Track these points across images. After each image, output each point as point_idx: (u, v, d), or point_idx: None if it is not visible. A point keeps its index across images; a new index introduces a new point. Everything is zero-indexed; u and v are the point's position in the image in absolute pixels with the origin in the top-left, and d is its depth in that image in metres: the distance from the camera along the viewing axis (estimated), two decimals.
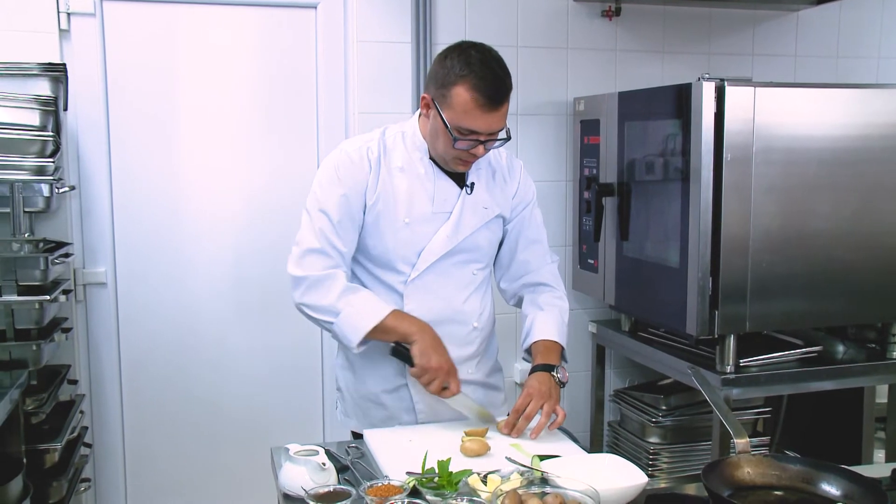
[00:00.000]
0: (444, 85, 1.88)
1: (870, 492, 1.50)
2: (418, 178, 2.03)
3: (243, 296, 3.26)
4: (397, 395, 2.11)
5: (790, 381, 2.70)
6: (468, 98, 1.85)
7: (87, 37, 2.99)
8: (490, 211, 2.09)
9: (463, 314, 2.10)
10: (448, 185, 2.05)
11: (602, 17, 3.40)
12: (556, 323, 2.13)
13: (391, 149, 2.04)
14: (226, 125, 3.19)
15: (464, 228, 2.05)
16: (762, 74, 3.57)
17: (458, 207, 2.04)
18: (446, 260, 2.05)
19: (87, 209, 3.06)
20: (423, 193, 2.02)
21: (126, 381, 3.18)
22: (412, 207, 2.01)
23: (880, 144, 2.70)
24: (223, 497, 3.31)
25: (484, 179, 2.10)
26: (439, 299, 2.06)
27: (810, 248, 2.66)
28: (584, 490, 1.47)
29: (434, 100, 1.92)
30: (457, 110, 1.87)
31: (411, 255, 2.03)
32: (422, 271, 2.04)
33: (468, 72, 1.85)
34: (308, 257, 2.00)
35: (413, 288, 2.05)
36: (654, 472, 3.07)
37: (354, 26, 3.17)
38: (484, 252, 2.12)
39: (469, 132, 1.89)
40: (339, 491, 1.54)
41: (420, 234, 2.03)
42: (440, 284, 2.06)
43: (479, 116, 1.86)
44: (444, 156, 1.98)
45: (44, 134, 2.64)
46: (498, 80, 1.87)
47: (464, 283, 2.10)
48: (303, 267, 2.00)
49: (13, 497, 2.11)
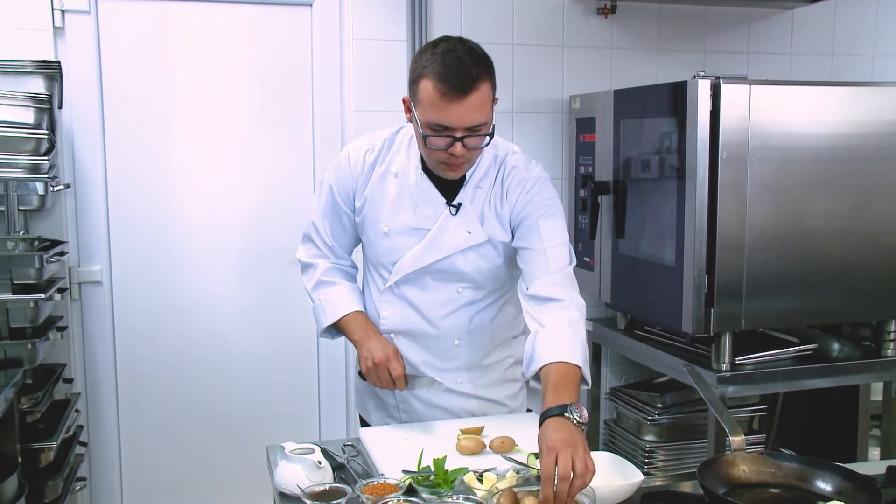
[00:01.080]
0: (413, 81, 1.79)
1: (865, 489, 1.51)
2: (407, 187, 1.95)
3: (238, 293, 3.26)
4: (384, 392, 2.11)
5: (785, 379, 2.70)
6: (432, 89, 1.73)
7: (82, 34, 2.98)
8: (474, 237, 1.92)
9: (443, 330, 2.01)
10: (434, 200, 1.93)
11: (598, 15, 3.39)
12: (561, 341, 1.76)
13: (395, 151, 1.98)
14: (221, 123, 3.18)
15: (439, 250, 1.93)
16: (757, 72, 3.57)
17: (438, 226, 1.92)
18: (425, 275, 1.97)
19: (82, 207, 3.06)
20: (408, 204, 1.94)
21: (121, 379, 3.18)
22: (394, 217, 1.95)
23: (875, 142, 2.70)
24: (219, 496, 3.30)
25: (480, 201, 1.93)
26: (414, 311, 2.00)
27: (805, 245, 2.66)
28: None
29: (410, 98, 1.83)
30: (424, 104, 1.76)
31: (388, 263, 2.00)
32: (395, 282, 1.99)
33: (432, 62, 1.74)
34: (303, 243, 2.14)
35: (389, 295, 2.02)
36: (649, 469, 3.08)
37: (350, 24, 3.16)
38: (468, 276, 1.96)
39: (441, 127, 1.76)
40: (334, 489, 1.54)
41: (398, 245, 1.96)
42: (417, 297, 1.99)
43: (445, 107, 1.73)
44: (429, 160, 1.88)
45: (38, 132, 2.63)
46: (462, 67, 1.72)
47: (445, 299, 1.99)
48: (301, 249, 2.14)
49: (8, 496, 2.10)
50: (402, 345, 2.02)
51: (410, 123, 1.90)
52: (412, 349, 2.03)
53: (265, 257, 3.26)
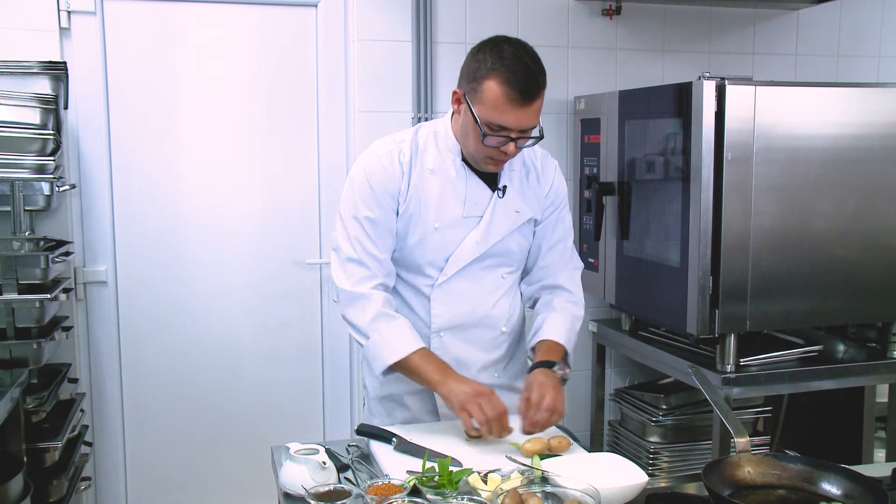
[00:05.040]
0: (475, 79, 1.84)
1: (870, 491, 1.50)
2: (450, 180, 1.97)
3: (243, 293, 3.26)
4: (421, 398, 2.09)
5: (790, 381, 2.70)
6: (499, 92, 1.80)
7: (88, 35, 2.99)
8: (522, 215, 2.03)
9: (491, 318, 2.06)
10: (480, 188, 1.99)
11: (602, 16, 3.39)
12: (565, 327, 2.06)
13: (423, 150, 1.99)
14: (226, 123, 3.19)
15: (494, 233, 2.00)
16: (763, 73, 3.57)
17: (490, 211, 1.99)
18: (475, 264, 2.01)
19: (88, 207, 3.06)
20: (455, 197, 1.97)
21: (126, 379, 3.18)
22: (443, 212, 1.97)
23: (881, 143, 2.69)
24: (223, 496, 3.31)
25: (517, 181, 2.03)
26: (467, 304, 2.02)
27: (811, 247, 2.66)
28: (584, 489, 1.47)
29: (465, 94, 1.87)
30: (487, 105, 1.82)
31: (440, 259, 1.99)
32: (449, 276, 2.00)
33: (500, 65, 1.80)
34: (347, 267, 1.98)
35: (440, 292, 2.02)
36: (654, 471, 3.08)
37: (355, 25, 3.17)
38: (514, 257, 2.07)
39: (499, 128, 1.83)
40: (339, 490, 1.54)
41: (450, 238, 1.98)
42: (468, 289, 2.02)
43: (509, 111, 1.81)
44: (474, 154, 1.93)
45: (44, 132, 2.64)
46: (530, 75, 1.81)
47: (493, 286, 2.05)
48: (342, 278, 1.98)
49: (13, 495, 2.11)
50: (448, 342, 2.03)
51: (452, 117, 1.98)
52: (458, 345, 2.03)
53: (270, 257, 3.27)
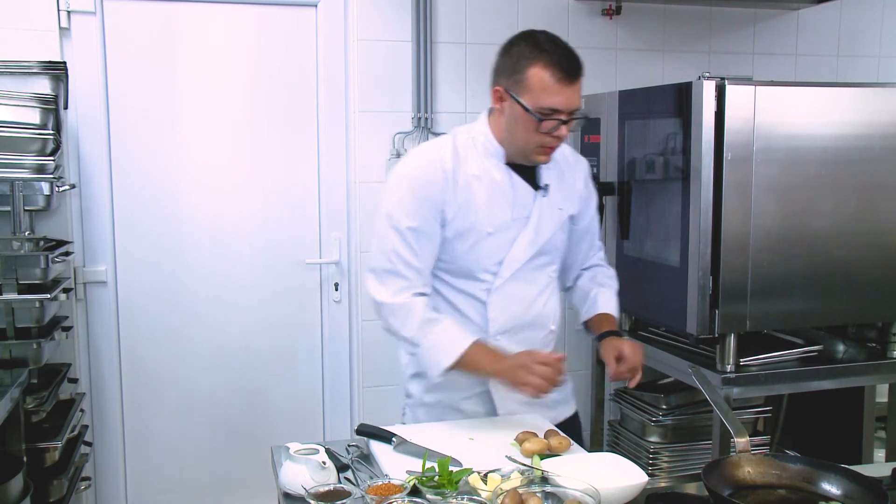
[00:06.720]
0: (516, 71, 1.88)
1: (870, 491, 1.50)
2: (496, 184, 1.98)
3: (243, 293, 3.26)
4: (477, 401, 2.08)
5: (790, 381, 2.69)
6: (545, 76, 1.85)
7: (88, 35, 2.99)
8: (564, 211, 2.08)
9: (542, 317, 2.09)
10: (524, 189, 2.01)
11: (602, 16, 3.39)
12: (614, 301, 2.21)
13: (465, 156, 1.98)
14: (226, 123, 3.19)
15: (543, 233, 2.03)
16: (763, 73, 3.57)
17: (536, 211, 2.02)
18: (527, 265, 2.03)
19: (88, 207, 3.06)
20: (502, 200, 1.99)
21: (126, 379, 3.18)
22: (493, 216, 1.98)
23: (881, 143, 2.69)
24: (223, 495, 3.31)
25: (555, 179, 2.06)
26: (521, 305, 2.04)
27: (811, 247, 2.66)
28: (584, 489, 1.47)
29: (508, 90, 1.90)
30: (535, 90, 1.86)
31: (492, 264, 2.00)
32: (505, 279, 2.01)
33: (539, 52, 1.86)
34: (384, 279, 1.97)
35: (497, 296, 2.02)
36: (654, 471, 3.07)
37: (355, 24, 3.17)
38: (559, 253, 2.12)
39: (551, 111, 1.86)
40: (339, 490, 1.54)
41: (502, 242, 2.00)
42: (521, 290, 2.04)
43: (558, 91, 1.85)
44: (524, 147, 1.94)
45: (44, 132, 2.64)
46: (571, 55, 1.89)
47: (542, 285, 2.08)
48: (380, 290, 1.98)
49: (13, 495, 2.11)
50: (503, 344, 2.02)
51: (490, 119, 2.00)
52: (512, 347, 2.02)
53: (270, 257, 3.27)
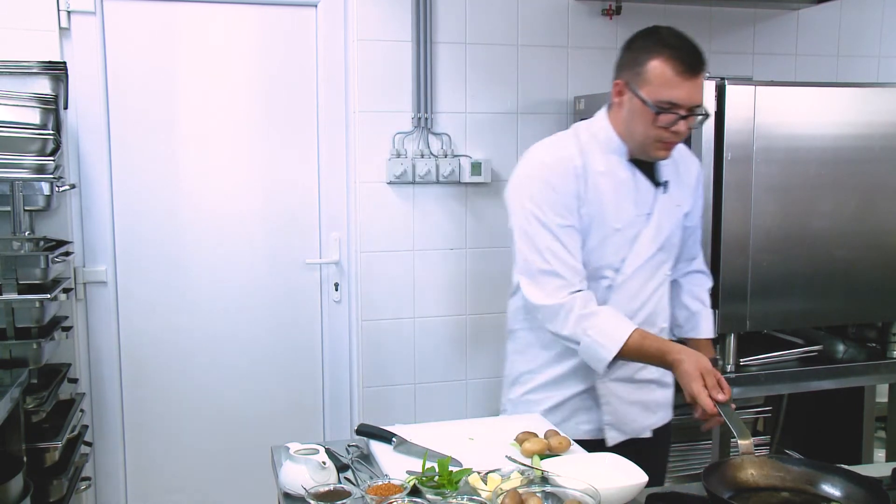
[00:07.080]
0: (637, 64, 1.88)
1: (871, 492, 1.50)
2: (621, 181, 1.98)
3: (243, 294, 3.26)
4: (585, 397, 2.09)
5: (790, 381, 2.70)
6: (666, 69, 1.85)
7: (88, 35, 2.99)
8: (682, 208, 2.09)
9: (654, 315, 2.08)
10: (646, 186, 2.01)
11: (602, 16, 3.39)
12: (712, 322, 2.25)
13: (589, 152, 1.99)
14: (226, 123, 3.19)
15: (663, 229, 2.03)
16: (762, 73, 3.57)
17: (657, 208, 2.02)
18: (648, 261, 2.03)
19: (88, 207, 3.06)
20: (627, 196, 1.99)
21: (126, 379, 3.18)
22: (620, 212, 1.98)
23: (881, 143, 2.70)
24: (223, 495, 3.31)
25: (673, 176, 2.06)
26: (639, 302, 2.04)
27: (811, 247, 2.66)
28: (584, 489, 1.47)
29: (628, 83, 1.90)
30: (655, 83, 1.86)
31: (617, 260, 2.00)
32: (628, 275, 2.01)
33: (662, 45, 1.87)
34: (539, 280, 1.95)
35: (617, 293, 2.01)
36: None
37: (355, 25, 3.17)
38: (675, 251, 2.12)
39: (670, 105, 1.86)
40: (339, 490, 1.54)
41: (627, 238, 2.00)
42: (641, 287, 2.03)
43: (678, 85, 1.85)
44: (643, 141, 1.93)
45: (44, 132, 2.64)
46: (693, 48, 1.88)
47: (658, 282, 2.08)
48: (536, 292, 1.96)
49: (13, 496, 2.10)
50: None
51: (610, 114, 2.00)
52: None
53: (270, 257, 3.27)
